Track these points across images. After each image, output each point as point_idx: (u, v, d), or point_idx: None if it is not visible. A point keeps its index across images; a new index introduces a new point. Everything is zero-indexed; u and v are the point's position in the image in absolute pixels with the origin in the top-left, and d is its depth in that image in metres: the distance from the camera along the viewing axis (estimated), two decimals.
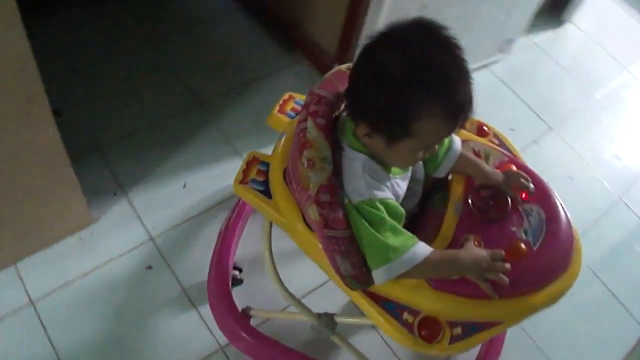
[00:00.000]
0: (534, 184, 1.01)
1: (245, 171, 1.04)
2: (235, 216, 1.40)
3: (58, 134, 1.11)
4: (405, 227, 0.93)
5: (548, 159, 1.88)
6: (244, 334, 1.23)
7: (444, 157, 1.03)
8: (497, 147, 1.12)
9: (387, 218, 0.86)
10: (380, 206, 0.86)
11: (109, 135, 1.59)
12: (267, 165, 1.04)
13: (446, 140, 1.03)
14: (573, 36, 2.39)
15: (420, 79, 0.77)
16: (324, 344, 1.26)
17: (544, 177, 1.04)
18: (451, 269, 0.90)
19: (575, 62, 2.28)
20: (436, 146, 0.90)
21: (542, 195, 1.01)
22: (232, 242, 1.34)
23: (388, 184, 0.91)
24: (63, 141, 1.15)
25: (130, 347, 1.26)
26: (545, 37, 2.31)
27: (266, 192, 1.01)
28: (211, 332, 1.30)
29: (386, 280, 0.86)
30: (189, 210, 1.49)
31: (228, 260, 1.31)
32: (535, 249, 0.94)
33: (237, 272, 1.36)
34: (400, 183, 0.96)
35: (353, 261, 0.87)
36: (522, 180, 1.00)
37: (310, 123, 0.89)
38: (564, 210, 1.00)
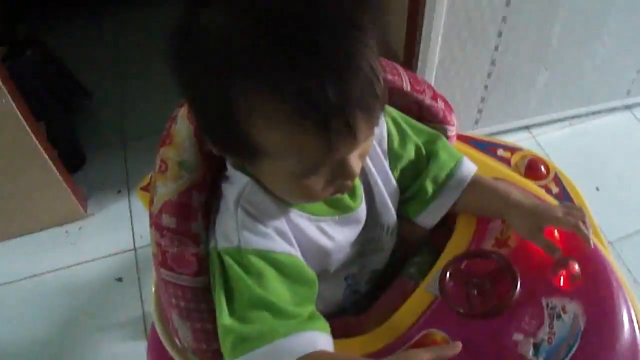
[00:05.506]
0: (584, 266, 0.55)
1: None
2: None
3: (12, 104, 0.99)
4: (365, 301, 0.65)
5: None
6: None
7: (438, 191, 0.63)
8: (548, 197, 0.67)
9: (258, 287, 0.50)
10: (256, 261, 0.51)
11: (139, 128, 1.46)
12: None
13: (449, 161, 0.63)
14: None
15: (244, 52, 0.41)
16: None
17: None
18: None
19: None
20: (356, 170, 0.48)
21: (594, 286, 0.54)
22: None
23: (280, 224, 0.54)
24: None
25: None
26: None
27: None
28: None
29: None
30: None
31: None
32: None
33: None
34: (331, 228, 0.58)
35: (196, 328, 0.55)
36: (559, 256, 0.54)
37: (182, 110, 0.58)
38: (629, 320, 0.52)
